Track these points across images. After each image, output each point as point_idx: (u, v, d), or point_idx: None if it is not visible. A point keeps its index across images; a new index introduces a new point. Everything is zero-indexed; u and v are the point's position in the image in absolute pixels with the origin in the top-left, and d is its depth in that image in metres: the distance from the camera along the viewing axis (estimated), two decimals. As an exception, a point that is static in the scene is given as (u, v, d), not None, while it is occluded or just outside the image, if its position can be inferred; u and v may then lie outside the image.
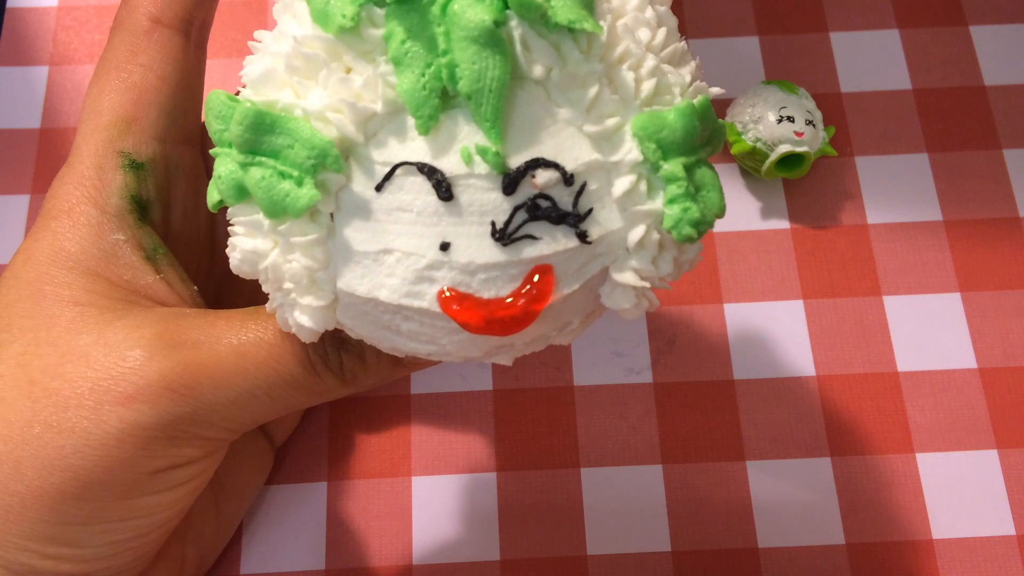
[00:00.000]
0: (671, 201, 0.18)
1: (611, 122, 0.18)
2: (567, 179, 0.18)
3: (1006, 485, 0.32)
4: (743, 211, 0.36)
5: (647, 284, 0.19)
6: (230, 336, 0.22)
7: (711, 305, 0.35)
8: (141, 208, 0.25)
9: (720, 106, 0.37)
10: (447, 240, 0.18)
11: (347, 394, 0.24)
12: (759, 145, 0.35)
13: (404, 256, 0.18)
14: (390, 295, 0.18)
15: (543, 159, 0.18)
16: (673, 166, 0.18)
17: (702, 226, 0.19)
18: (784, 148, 0.34)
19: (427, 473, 0.32)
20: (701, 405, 0.33)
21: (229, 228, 0.20)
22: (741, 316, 0.35)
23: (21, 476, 0.22)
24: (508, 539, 0.31)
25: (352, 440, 0.33)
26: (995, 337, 0.34)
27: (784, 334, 0.34)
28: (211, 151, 0.20)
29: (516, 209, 0.18)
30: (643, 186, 0.19)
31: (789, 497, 0.32)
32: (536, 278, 0.18)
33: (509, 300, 0.18)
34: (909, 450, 0.33)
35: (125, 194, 0.24)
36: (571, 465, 0.32)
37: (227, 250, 0.20)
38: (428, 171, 0.18)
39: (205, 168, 0.28)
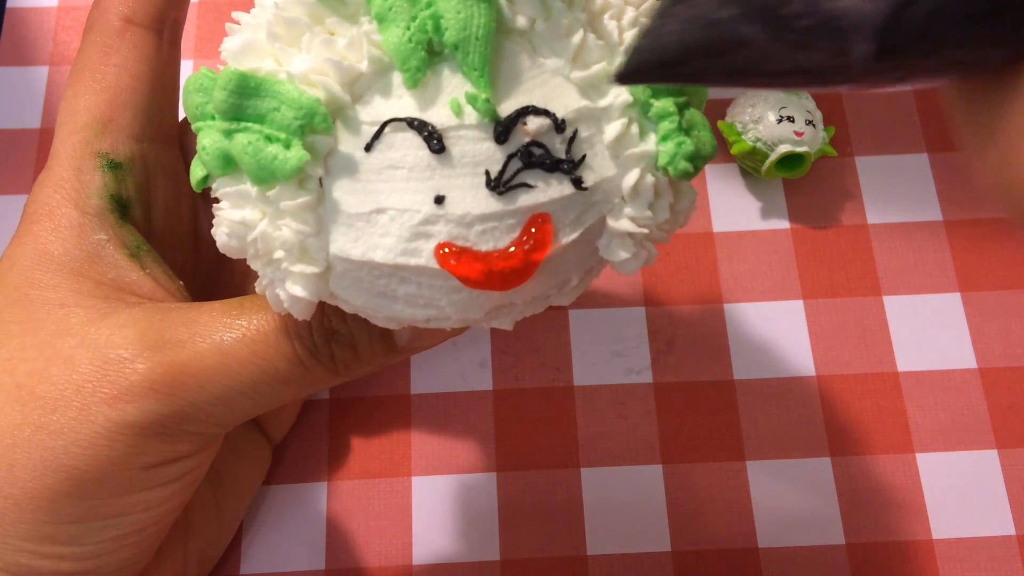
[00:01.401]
0: (664, 137, 0.19)
1: (597, 68, 0.18)
2: (559, 126, 0.18)
3: (1006, 485, 0.32)
4: (743, 211, 0.36)
5: (645, 230, 0.19)
6: (212, 333, 0.22)
7: (711, 305, 0.35)
8: (121, 207, 0.25)
9: (720, 106, 0.37)
10: (441, 193, 0.18)
11: (341, 383, 0.24)
12: (759, 145, 0.35)
13: (398, 214, 0.18)
14: (385, 255, 0.18)
15: (533, 106, 0.18)
16: (664, 103, 0.18)
17: (698, 161, 0.19)
18: (784, 148, 0.34)
19: (427, 473, 0.32)
20: (701, 405, 0.33)
21: (214, 207, 0.20)
22: (741, 316, 0.35)
23: (14, 479, 0.22)
24: (508, 539, 0.31)
25: (352, 440, 0.33)
26: (995, 337, 0.34)
27: (784, 334, 0.34)
28: (193, 126, 0.19)
29: (510, 158, 0.18)
30: (634, 129, 0.19)
31: (789, 497, 0.32)
32: (534, 229, 0.18)
33: (511, 250, 0.18)
34: (909, 450, 0.33)
35: (104, 194, 0.24)
36: (571, 465, 0.32)
37: (213, 229, 0.20)
38: (418, 125, 0.18)
39: (184, 165, 0.28)
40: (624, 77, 0.15)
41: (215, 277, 0.29)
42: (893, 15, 0.11)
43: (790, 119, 0.34)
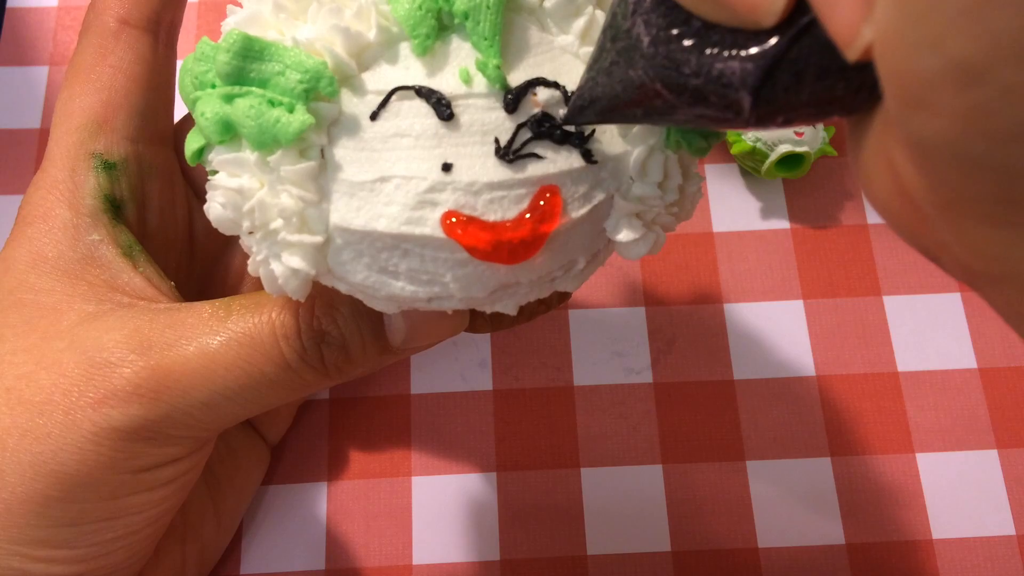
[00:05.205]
0: None
1: None
2: (568, 99, 0.18)
3: (1006, 485, 0.32)
4: (743, 211, 0.36)
5: (653, 208, 0.19)
6: (198, 336, 0.22)
7: (711, 305, 0.35)
8: (115, 208, 0.25)
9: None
10: (449, 161, 0.17)
11: (334, 384, 0.24)
12: (759, 145, 0.35)
13: (403, 181, 0.17)
14: (389, 224, 0.18)
15: (543, 78, 0.18)
16: None
17: (711, 137, 0.19)
18: (784, 148, 0.34)
19: (427, 473, 0.32)
20: (701, 405, 0.33)
21: (208, 183, 0.19)
22: (741, 316, 0.35)
23: (4, 483, 0.22)
24: (508, 539, 0.31)
25: (352, 440, 0.33)
26: (995, 337, 0.34)
27: (784, 334, 0.34)
28: (189, 100, 0.19)
29: (519, 127, 0.18)
30: None
31: (789, 497, 0.32)
32: (542, 202, 0.18)
33: (525, 217, 0.18)
34: (909, 450, 0.33)
35: (98, 194, 0.24)
36: (571, 465, 0.32)
37: (206, 204, 0.19)
38: (426, 93, 0.17)
39: (180, 168, 0.28)
40: (568, 119, 0.18)
41: (209, 278, 0.29)
42: (766, 74, 0.13)
43: (790, 119, 0.34)
